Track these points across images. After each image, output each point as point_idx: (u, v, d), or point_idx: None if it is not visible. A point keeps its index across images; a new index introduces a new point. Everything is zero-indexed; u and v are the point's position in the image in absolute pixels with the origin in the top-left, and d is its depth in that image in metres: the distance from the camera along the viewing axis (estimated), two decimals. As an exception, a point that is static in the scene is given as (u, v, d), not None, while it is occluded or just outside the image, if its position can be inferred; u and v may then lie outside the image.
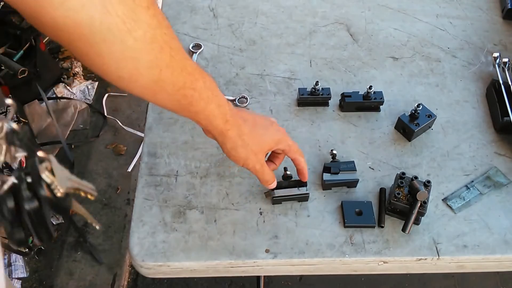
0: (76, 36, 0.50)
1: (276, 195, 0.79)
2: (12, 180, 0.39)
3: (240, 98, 0.93)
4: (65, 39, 0.50)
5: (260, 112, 0.92)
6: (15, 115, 0.42)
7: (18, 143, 0.38)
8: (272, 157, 0.79)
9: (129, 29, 0.52)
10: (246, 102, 0.93)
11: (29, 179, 0.40)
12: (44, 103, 1.82)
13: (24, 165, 0.40)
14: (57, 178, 0.41)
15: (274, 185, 0.77)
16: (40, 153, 0.42)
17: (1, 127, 0.36)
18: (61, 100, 1.93)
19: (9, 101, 0.36)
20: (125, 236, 1.63)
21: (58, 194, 0.41)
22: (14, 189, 0.40)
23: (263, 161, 0.73)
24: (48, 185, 0.40)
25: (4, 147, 0.37)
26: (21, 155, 0.39)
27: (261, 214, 0.80)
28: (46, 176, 0.40)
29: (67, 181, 0.42)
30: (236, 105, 0.93)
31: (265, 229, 0.78)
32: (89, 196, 0.48)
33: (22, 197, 0.40)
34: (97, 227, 0.57)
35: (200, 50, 1.01)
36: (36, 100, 1.83)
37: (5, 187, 0.40)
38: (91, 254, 1.58)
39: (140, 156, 1.41)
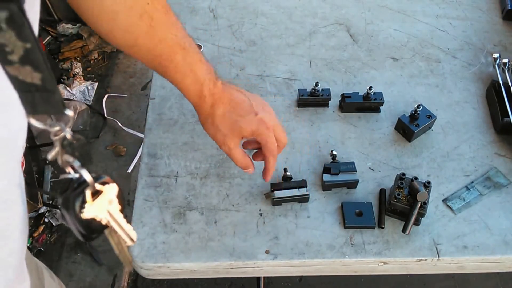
0: None
1: (276, 197, 0.78)
2: (66, 177, 0.44)
3: (240, 99, 0.93)
4: None
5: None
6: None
7: (70, 150, 0.41)
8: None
9: None
10: (246, 103, 0.93)
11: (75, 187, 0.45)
12: (44, 104, 1.82)
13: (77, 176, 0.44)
14: (93, 205, 0.44)
15: (250, 171, 0.74)
16: (105, 179, 0.45)
17: (60, 130, 0.39)
18: (61, 101, 1.93)
19: (69, 112, 0.40)
20: (125, 237, 1.63)
21: (81, 216, 0.44)
22: (67, 184, 0.44)
23: (233, 145, 0.71)
24: (81, 204, 0.44)
25: (57, 148, 0.40)
26: (72, 161, 0.42)
27: (261, 215, 0.80)
28: (85, 196, 0.44)
29: (101, 212, 0.45)
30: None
31: (265, 230, 0.78)
32: (122, 241, 0.50)
33: (67, 195, 0.44)
34: (127, 269, 0.58)
35: (200, 51, 1.01)
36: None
37: (62, 177, 0.44)
38: (91, 255, 1.59)
39: (140, 157, 1.41)
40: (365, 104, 0.92)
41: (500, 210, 0.81)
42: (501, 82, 0.92)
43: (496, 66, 0.97)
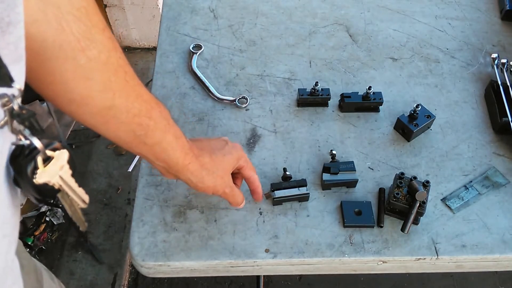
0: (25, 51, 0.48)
1: (276, 196, 0.79)
2: (20, 142, 0.44)
3: (240, 98, 0.94)
4: None
5: (260, 112, 0.93)
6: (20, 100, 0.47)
7: (20, 120, 0.42)
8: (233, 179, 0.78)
9: (83, 48, 0.50)
10: (246, 102, 0.94)
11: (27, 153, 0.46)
12: (45, 104, 1.83)
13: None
14: (45, 170, 0.45)
15: (243, 204, 0.77)
16: (56, 145, 0.46)
17: (8, 100, 0.40)
18: (62, 100, 1.93)
19: (16, 84, 0.40)
20: (126, 236, 1.63)
21: (34, 181, 0.45)
22: (19, 151, 0.45)
23: (231, 182, 0.74)
24: (33, 169, 0.45)
25: (6, 118, 0.40)
26: (22, 130, 0.43)
27: (261, 214, 0.80)
28: (37, 161, 0.45)
29: (53, 177, 0.46)
30: (236, 106, 0.93)
31: (265, 229, 0.79)
32: (75, 204, 0.52)
33: (19, 161, 0.45)
34: (81, 229, 0.60)
35: (200, 51, 1.02)
36: (37, 100, 1.84)
37: (10, 144, 0.45)
38: (92, 254, 1.59)
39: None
40: (365, 104, 0.92)
41: (499, 209, 0.81)
42: (499, 82, 0.93)
43: (495, 66, 0.98)
